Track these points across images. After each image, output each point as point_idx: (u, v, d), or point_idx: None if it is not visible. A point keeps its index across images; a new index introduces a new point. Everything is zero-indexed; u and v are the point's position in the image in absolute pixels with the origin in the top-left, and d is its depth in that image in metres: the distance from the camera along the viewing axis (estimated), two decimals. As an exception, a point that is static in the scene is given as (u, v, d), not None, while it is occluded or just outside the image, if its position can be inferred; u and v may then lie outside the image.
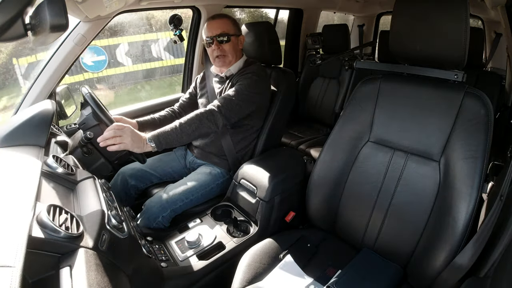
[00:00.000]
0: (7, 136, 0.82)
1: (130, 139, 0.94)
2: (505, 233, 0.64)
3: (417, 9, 0.85)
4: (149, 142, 0.99)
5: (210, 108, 1.11)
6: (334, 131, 1.06)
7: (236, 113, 1.17)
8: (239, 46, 1.30)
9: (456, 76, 0.88)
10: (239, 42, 1.29)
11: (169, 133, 1.02)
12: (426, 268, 0.83)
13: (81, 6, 1.01)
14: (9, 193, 0.59)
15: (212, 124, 1.09)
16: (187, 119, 1.06)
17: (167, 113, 1.40)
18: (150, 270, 0.85)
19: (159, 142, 1.00)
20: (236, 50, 1.28)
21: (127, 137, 0.94)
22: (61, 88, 1.27)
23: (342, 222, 1.05)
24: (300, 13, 2.51)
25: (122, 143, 0.93)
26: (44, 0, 0.52)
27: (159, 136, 1.01)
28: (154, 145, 1.00)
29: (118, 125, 0.95)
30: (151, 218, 1.13)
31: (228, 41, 1.24)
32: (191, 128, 1.05)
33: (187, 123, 1.05)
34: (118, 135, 0.93)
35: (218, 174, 1.30)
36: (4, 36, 0.51)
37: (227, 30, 1.24)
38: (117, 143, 0.93)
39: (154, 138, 1.00)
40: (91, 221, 0.70)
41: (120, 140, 0.93)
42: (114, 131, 0.93)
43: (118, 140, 0.93)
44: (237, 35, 1.28)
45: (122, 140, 0.93)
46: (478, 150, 0.80)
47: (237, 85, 1.20)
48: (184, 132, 1.04)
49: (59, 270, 0.55)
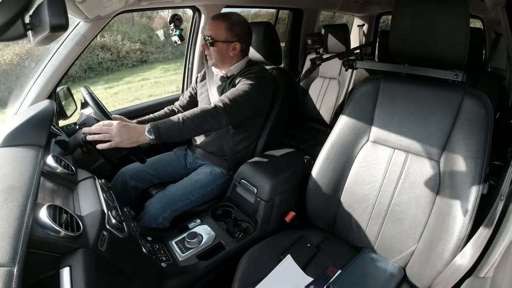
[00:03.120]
0: (7, 136, 0.82)
1: (119, 135, 0.90)
2: (505, 233, 0.64)
3: (417, 9, 0.85)
4: (147, 133, 0.94)
5: (215, 106, 1.07)
6: (334, 131, 1.06)
7: (240, 113, 1.15)
8: (229, 53, 1.24)
9: (456, 76, 0.88)
10: (230, 48, 1.23)
11: (171, 126, 0.97)
12: (426, 268, 0.83)
13: (81, 6, 1.01)
14: (9, 193, 0.59)
15: (216, 122, 1.06)
16: (190, 114, 1.02)
17: (167, 112, 1.40)
18: (150, 270, 0.85)
19: (159, 134, 0.95)
20: (222, 55, 1.23)
21: (115, 134, 0.90)
22: (61, 88, 1.27)
23: (342, 222, 1.05)
24: (300, 13, 2.51)
25: (110, 140, 0.90)
26: (44, 0, 0.52)
27: (160, 128, 0.96)
28: (153, 137, 0.95)
29: (107, 122, 0.93)
30: (152, 219, 1.13)
31: (213, 45, 1.21)
32: (194, 124, 1.01)
33: (191, 118, 1.01)
34: (104, 131, 0.90)
35: (219, 175, 1.30)
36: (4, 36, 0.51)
37: (214, 35, 1.20)
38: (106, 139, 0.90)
39: (154, 129, 0.95)
40: (91, 221, 0.70)
41: (109, 137, 0.90)
42: (100, 126, 0.90)
43: (107, 136, 0.90)
44: (228, 42, 1.21)
45: (111, 137, 0.90)
46: (478, 150, 0.80)
47: (241, 85, 1.17)
48: (186, 127, 0.99)
49: (59, 270, 0.55)
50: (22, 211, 0.55)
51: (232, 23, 1.21)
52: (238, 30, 1.23)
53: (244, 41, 1.26)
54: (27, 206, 0.57)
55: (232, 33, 1.22)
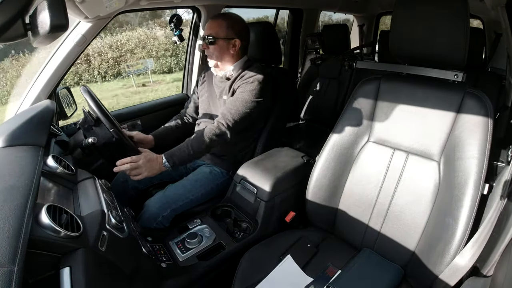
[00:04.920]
0: (7, 136, 0.82)
1: (147, 170, 1.06)
2: (505, 233, 0.64)
3: (417, 9, 0.85)
4: (164, 164, 1.10)
5: (218, 125, 1.17)
6: (334, 132, 1.06)
7: (242, 122, 1.21)
8: (230, 50, 1.25)
9: (456, 76, 0.88)
10: (230, 45, 1.25)
11: (182, 154, 1.12)
12: (426, 268, 0.83)
13: (81, 6, 1.01)
14: (9, 193, 0.59)
15: (221, 138, 1.17)
16: (197, 138, 1.15)
17: (177, 123, 1.44)
18: (150, 270, 0.85)
19: (174, 163, 1.11)
20: (223, 53, 1.25)
21: (144, 170, 1.06)
22: (61, 89, 1.27)
23: (342, 222, 1.05)
24: (300, 13, 2.51)
25: (139, 174, 1.06)
26: (44, 0, 0.52)
27: (173, 157, 1.11)
28: (170, 166, 1.11)
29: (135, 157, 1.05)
30: (151, 218, 1.13)
31: (213, 43, 1.22)
32: (201, 147, 1.14)
33: (198, 142, 1.14)
34: (134, 167, 1.04)
35: (218, 174, 1.30)
36: (4, 36, 0.51)
37: (215, 33, 1.22)
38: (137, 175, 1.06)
39: (169, 160, 1.10)
40: (91, 221, 0.70)
41: (137, 172, 1.05)
42: (129, 164, 1.03)
43: (134, 172, 1.05)
44: (228, 39, 1.23)
45: (139, 172, 1.06)
46: (478, 150, 0.79)
47: (242, 93, 1.20)
48: (195, 151, 1.13)
49: (59, 270, 0.55)
50: (22, 211, 0.55)
51: (232, 21, 1.24)
52: (238, 28, 1.25)
53: (244, 39, 1.29)
54: (27, 206, 0.57)
55: (233, 30, 1.24)
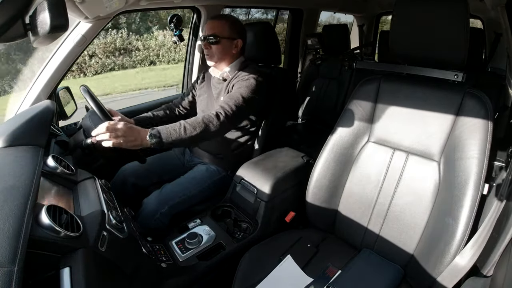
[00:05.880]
0: (7, 136, 0.82)
1: (124, 136, 0.91)
2: (505, 233, 0.64)
3: (417, 9, 0.85)
4: (149, 138, 0.95)
5: (216, 113, 1.08)
6: (334, 132, 1.06)
7: (240, 117, 1.19)
8: (232, 50, 1.26)
9: (456, 76, 0.88)
10: (233, 45, 1.26)
11: (172, 133, 0.98)
12: (426, 268, 0.83)
13: (81, 6, 1.01)
14: (9, 193, 0.59)
15: (217, 129, 1.07)
16: (192, 122, 1.03)
17: (166, 112, 1.40)
18: (150, 270, 0.85)
19: (160, 140, 0.96)
20: (225, 52, 1.25)
21: (121, 134, 0.91)
22: (61, 89, 1.27)
23: (342, 222, 1.05)
24: (300, 13, 2.52)
25: (115, 140, 0.91)
26: (44, 0, 0.52)
27: (162, 133, 0.97)
28: (155, 141, 0.95)
29: (112, 122, 0.93)
30: (149, 215, 1.13)
31: (216, 43, 1.22)
32: (195, 131, 1.02)
33: (192, 126, 1.02)
34: (110, 131, 0.90)
35: (214, 172, 1.31)
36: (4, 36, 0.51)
37: (218, 32, 1.22)
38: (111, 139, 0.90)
39: (155, 135, 0.95)
40: (91, 221, 0.70)
41: (114, 136, 0.91)
42: (107, 126, 0.90)
43: (112, 136, 0.91)
44: (231, 38, 1.24)
45: (116, 137, 0.91)
46: (478, 150, 0.79)
47: (239, 89, 1.19)
48: (188, 134, 1.01)
49: (59, 270, 0.55)
50: (22, 211, 0.55)
51: (232, 20, 1.26)
52: (238, 28, 1.27)
53: (244, 39, 1.30)
54: (27, 206, 0.57)
55: (235, 30, 1.25)
